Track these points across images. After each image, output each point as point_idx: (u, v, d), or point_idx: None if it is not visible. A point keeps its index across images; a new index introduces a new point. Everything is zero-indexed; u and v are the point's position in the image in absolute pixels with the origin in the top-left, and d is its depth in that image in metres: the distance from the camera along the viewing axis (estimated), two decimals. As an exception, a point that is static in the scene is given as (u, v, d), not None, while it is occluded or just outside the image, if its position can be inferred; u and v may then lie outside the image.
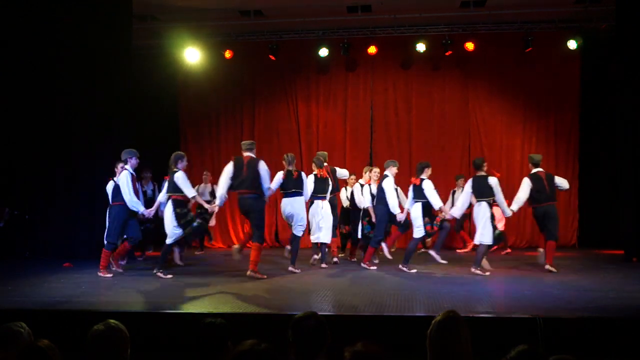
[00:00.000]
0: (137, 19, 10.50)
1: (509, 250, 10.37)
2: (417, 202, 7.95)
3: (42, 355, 2.51)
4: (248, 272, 7.23)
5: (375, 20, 11.19)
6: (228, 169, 7.42)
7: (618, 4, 9.29)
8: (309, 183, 8.07)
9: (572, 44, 10.77)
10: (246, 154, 7.48)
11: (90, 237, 9.09)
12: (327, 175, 8.44)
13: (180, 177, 7.34)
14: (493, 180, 7.60)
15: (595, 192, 10.85)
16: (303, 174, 8.05)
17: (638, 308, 5.37)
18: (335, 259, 8.82)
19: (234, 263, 8.15)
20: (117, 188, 7.74)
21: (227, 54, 11.61)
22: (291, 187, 7.82)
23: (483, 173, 7.73)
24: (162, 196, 7.74)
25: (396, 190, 8.34)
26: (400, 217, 8.07)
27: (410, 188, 8.06)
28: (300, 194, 7.85)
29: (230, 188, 7.44)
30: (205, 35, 11.40)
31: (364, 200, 8.65)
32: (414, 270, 7.85)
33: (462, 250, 10.66)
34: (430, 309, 5.34)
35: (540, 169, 8.00)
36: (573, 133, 11.52)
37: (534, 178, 7.90)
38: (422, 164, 8.17)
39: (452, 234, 10.92)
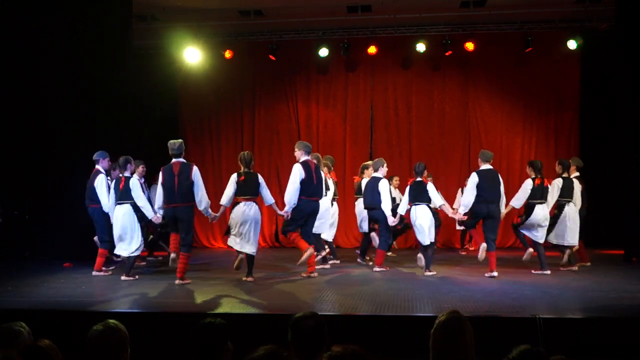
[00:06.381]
0: (137, 19, 10.49)
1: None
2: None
3: (43, 355, 2.51)
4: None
5: (375, 20, 11.18)
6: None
7: (618, 4, 9.29)
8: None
9: (572, 44, 10.76)
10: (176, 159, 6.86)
11: (89, 238, 9.07)
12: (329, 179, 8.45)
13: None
14: (429, 186, 7.59)
15: (595, 192, 10.82)
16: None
17: (638, 308, 5.37)
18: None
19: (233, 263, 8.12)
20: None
21: (227, 54, 11.60)
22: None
23: (420, 179, 7.65)
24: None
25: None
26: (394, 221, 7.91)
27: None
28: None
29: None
30: (205, 35, 11.39)
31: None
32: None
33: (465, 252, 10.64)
34: (431, 309, 5.35)
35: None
36: (573, 133, 11.52)
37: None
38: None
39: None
